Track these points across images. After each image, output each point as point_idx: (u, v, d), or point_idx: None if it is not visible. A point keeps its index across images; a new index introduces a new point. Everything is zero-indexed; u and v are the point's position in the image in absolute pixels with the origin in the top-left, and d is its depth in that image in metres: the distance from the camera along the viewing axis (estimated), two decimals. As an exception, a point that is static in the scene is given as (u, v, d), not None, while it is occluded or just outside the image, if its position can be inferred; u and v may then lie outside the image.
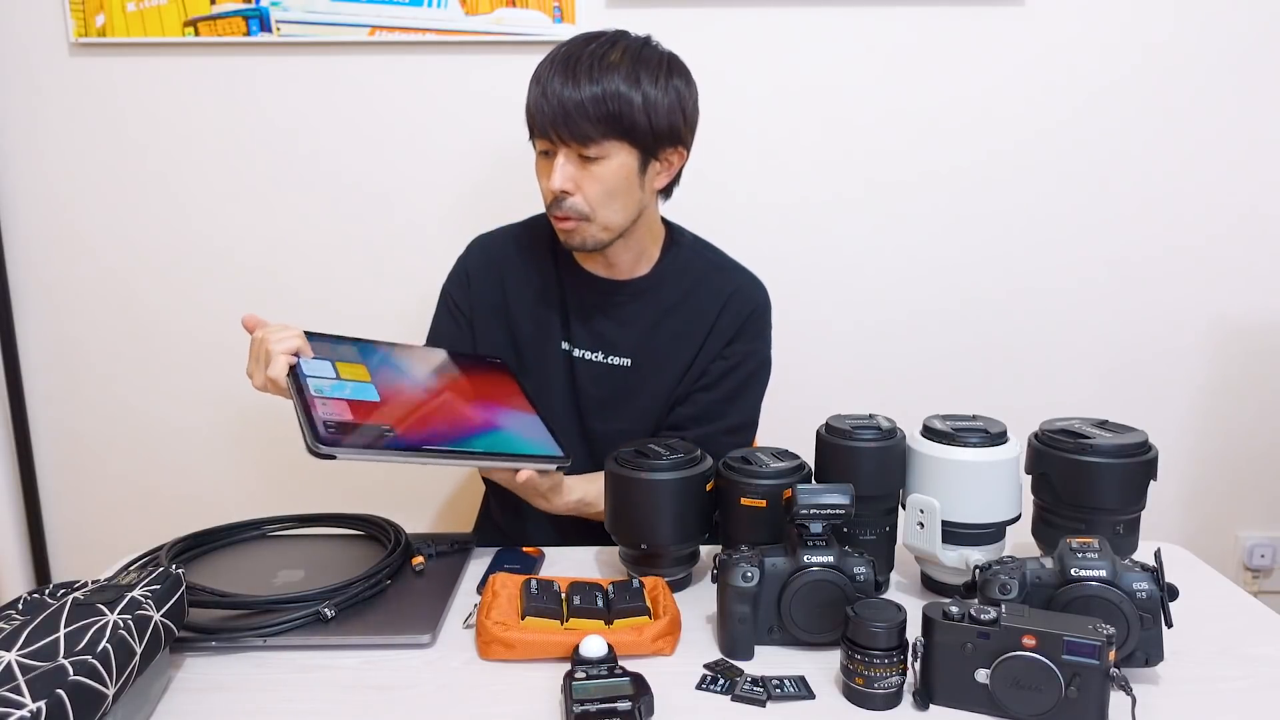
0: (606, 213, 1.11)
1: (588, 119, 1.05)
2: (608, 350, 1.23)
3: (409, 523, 1.13)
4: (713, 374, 1.22)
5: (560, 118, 1.05)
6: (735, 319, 1.22)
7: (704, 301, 1.23)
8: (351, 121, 1.68)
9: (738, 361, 1.22)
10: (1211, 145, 1.70)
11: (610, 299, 1.23)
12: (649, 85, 1.08)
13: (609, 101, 1.05)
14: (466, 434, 1.02)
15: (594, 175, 1.09)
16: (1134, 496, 0.94)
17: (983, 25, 1.65)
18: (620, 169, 1.10)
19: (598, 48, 1.08)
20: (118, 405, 1.79)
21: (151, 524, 1.82)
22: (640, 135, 1.09)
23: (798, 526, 0.86)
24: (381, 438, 0.95)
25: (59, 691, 0.62)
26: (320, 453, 0.90)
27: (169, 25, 1.61)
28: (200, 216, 1.71)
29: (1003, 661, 0.74)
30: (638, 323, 1.22)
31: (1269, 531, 1.88)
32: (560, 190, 1.09)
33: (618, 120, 1.06)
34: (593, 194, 1.10)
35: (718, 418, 1.21)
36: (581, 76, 1.05)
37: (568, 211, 1.10)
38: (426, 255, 1.37)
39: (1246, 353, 1.79)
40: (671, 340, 1.22)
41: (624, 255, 1.21)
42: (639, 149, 1.10)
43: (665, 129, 1.11)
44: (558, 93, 1.05)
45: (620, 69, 1.07)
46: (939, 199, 1.73)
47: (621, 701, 0.73)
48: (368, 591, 0.95)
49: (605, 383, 1.23)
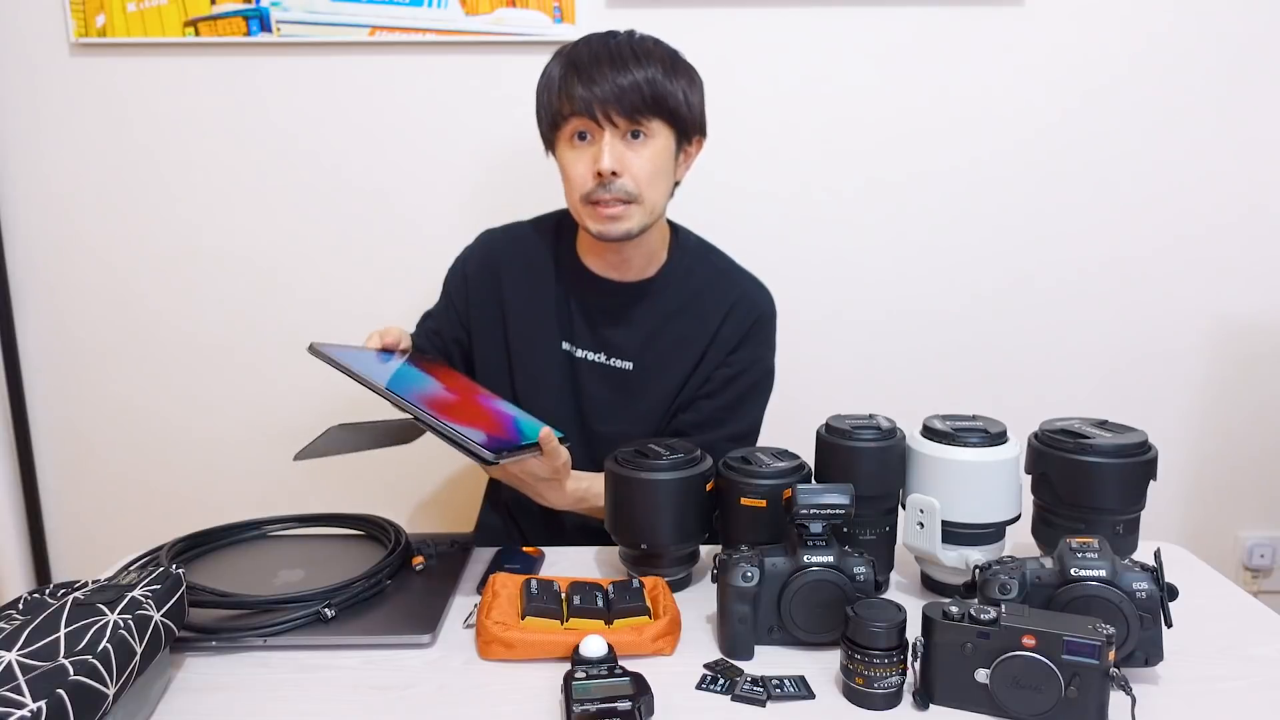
0: (652, 193, 1.13)
1: (641, 97, 1.08)
2: (610, 352, 1.23)
3: (409, 523, 1.13)
4: (716, 381, 1.22)
5: (615, 96, 1.07)
6: (739, 326, 1.22)
7: (708, 307, 1.22)
8: (352, 122, 1.68)
9: (741, 369, 1.22)
10: (1211, 144, 1.70)
11: (614, 301, 1.22)
12: (682, 75, 1.13)
13: (657, 84, 1.09)
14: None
15: (641, 155, 1.11)
16: (1134, 496, 0.94)
17: (982, 25, 1.65)
18: (664, 150, 1.13)
19: (628, 40, 1.12)
20: (118, 405, 1.79)
21: (151, 524, 1.82)
22: (680, 119, 1.13)
23: (798, 526, 0.86)
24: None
25: (59, 691, 0.62)
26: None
27: (169, 25, 1.61)
28: (200, 216, 1.71)
29: (1003, 661, 0.74)
30: (641, 326, 1.22)
31: (1269, 531, 1.88)
32: (610, 171, 1.08)
33: (664, 101, 1.10)
34: (642, 173, 1.11)
35: (720, 425, 1.21)
36: (629, 61, 1.09)
37: (617, 194, 1.10)
38: (426, 255, 1.37)
39: (1246, 353, 1.79)
40: (674, 345, 1.22)
41: (636, 254, 1.21)
42: (676, 132, 1.14)
43: (698, 116, 1.16)
44: (608, 76, 1.07)
45: (659, 58, 1.11)
46: (939, 198, 1.73)
47: (621, 701, 0.73)
48: (368, 591, 0.95)
49: (607, 385, 1.23)
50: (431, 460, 1.78)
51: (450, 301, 1.28)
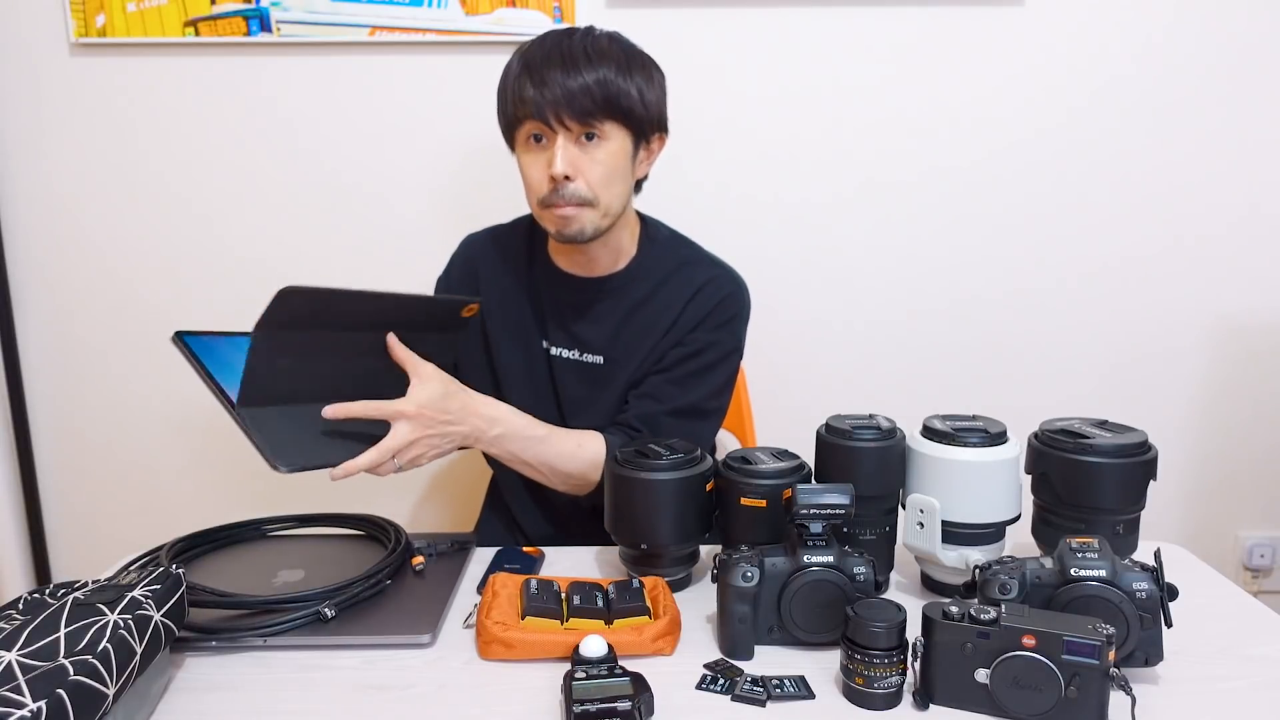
0: (608, 196, 1.12)
1: (592, 99, 1.07)
2: (582, 348, 1.23)
3: (409, 523, 1.13)
4: (670, 359, 1.21)
5: (565, 100, 1.06)
6: (701, 308, 1.21)
7: (674, 294, 1.21)
8: (352, 121, 1.68)
9: (698, 349, 1.20)
10: (1211, 144, 1.70)
11: (582, 296, 1.22)
12: (638, 73, 1.11)
13: (609, 84, 1.08)
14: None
15: (595, 158, 1.10)
16: (1134, 496, 0.94)
17: (983, 25, 1.65)
18: (619, 151, 1.12)
19: (583, 38, 1.10)
20: (118, 405, 1.79)
21: (151, 524, 1.82)
22: (635, 118, 1.11)
23: (798, 526, 0.86)
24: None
25: (59, 691, 0.62)
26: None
27: (169, 25, 1.61)
28: (201, 216, 1.71)
29: (1002, 661, 0.74)
30: (609, 319, 1.22)
31: (1269, 531, 1.88)
32: (563, 175, 1.08)
33: (617, 101, 1.08)
34: (595, 177, 1.10)
35: (664, 399, 1.19)
36: (580, 62, 1.07)
37: (569, 198, 1.09)
38: (426, 254, 1.37)
39: (1246, 353, 1.79)
40: (640, 334, 1.21)
41: (602, 251, 1.21)
42: (633, 132, 1.13)
43: (655, 114, 1.14)
44: (558, 79, 1.06)
45: (613, 57, 1.09)
46: (939, 198, 1.73)
47: (621, 701, 0.73)
48: (368, 591, 0.95)
49: (582, 380, 1.23)
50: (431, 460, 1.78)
51: None
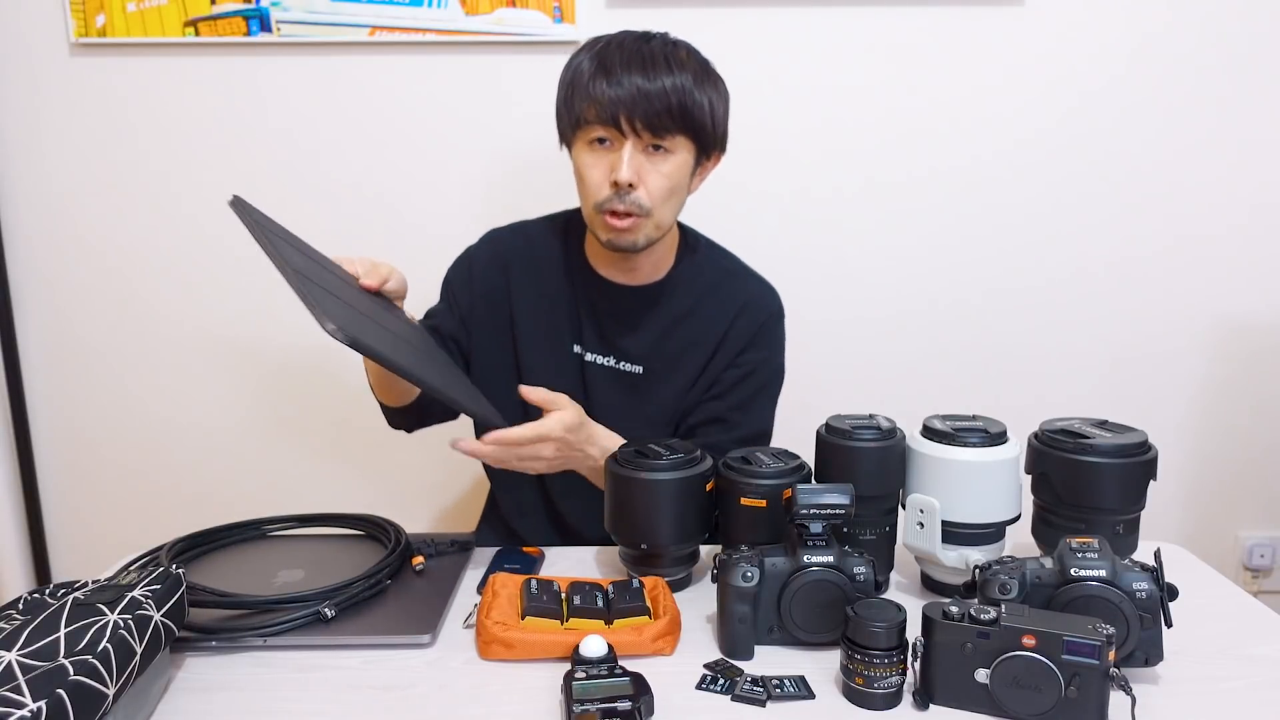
0: (664, 210, 1.10)
1: (667, 109, 1.05)
2: (620, 356, 1.22)
3: (409, 523, 1.13)
4: (724, 383, 1.21)
5: (640, 105, 1.04)
6: (748, 327, 1.21)
7: (716, 309, 1.21)
8: (352, 122, 1.68)
9: (750, 370, 1.21)
10: (1211, 144, 1.70)
11: (623, 305, 1.21)
12: (710, 87, 1.09)
13: (685, 95, 1.05)
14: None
15: (659, 170, 1.08)
16: (1134, 496, 0.94)
17: (982, 25, 1.65)
18: (683, 165, 1.10)
19: (661, 44, 1.08)
20: (118, 405, 1.79)
21: (151, 524, 1.82)
22: (704, 134, 1.10)
23: (798, 526, 0.86)
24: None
25: (59, 691, 0.62)
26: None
27: (169, 25, 1.61)
28: (200, 216, 1.71)
29: (1002, 661, 0.74)
30: (650, 329, 1.21)
31: (1269, 531, 1.88)
32: (628, 182, 1.06)
33: (689, 114, 1.07)
34: (656, 189, 1.08)
35: (730, 427, 1.20)
36: (660, 68, 1.05)
37: (630, 206, 1.07)
38: (427, 255, 1.37)
39: (1246, 353, 1.79)
40: (683, 348, 1.21)
41: (645, 260, 1.20)
42: (697, 147, 1.11)
43: (721, 131, 1.13)
44: (636, 82, 1.04)
45: (689, 68, 1.07)
46: (939, 198, 1.73)
47: (621, 701, 0.73)
48: (368, 591, 0.95)
49: (617, 388, 1.22)
50: (431, 460, 1.78)
51: (452, 299, 1.27)
